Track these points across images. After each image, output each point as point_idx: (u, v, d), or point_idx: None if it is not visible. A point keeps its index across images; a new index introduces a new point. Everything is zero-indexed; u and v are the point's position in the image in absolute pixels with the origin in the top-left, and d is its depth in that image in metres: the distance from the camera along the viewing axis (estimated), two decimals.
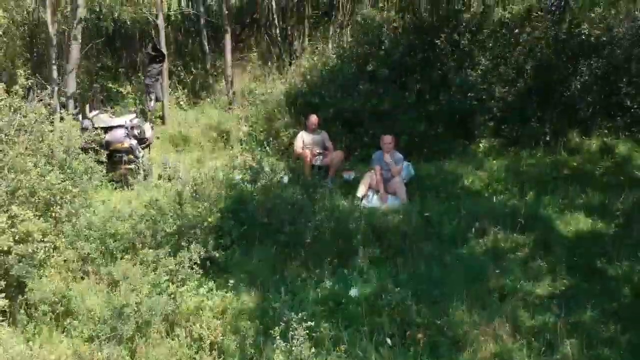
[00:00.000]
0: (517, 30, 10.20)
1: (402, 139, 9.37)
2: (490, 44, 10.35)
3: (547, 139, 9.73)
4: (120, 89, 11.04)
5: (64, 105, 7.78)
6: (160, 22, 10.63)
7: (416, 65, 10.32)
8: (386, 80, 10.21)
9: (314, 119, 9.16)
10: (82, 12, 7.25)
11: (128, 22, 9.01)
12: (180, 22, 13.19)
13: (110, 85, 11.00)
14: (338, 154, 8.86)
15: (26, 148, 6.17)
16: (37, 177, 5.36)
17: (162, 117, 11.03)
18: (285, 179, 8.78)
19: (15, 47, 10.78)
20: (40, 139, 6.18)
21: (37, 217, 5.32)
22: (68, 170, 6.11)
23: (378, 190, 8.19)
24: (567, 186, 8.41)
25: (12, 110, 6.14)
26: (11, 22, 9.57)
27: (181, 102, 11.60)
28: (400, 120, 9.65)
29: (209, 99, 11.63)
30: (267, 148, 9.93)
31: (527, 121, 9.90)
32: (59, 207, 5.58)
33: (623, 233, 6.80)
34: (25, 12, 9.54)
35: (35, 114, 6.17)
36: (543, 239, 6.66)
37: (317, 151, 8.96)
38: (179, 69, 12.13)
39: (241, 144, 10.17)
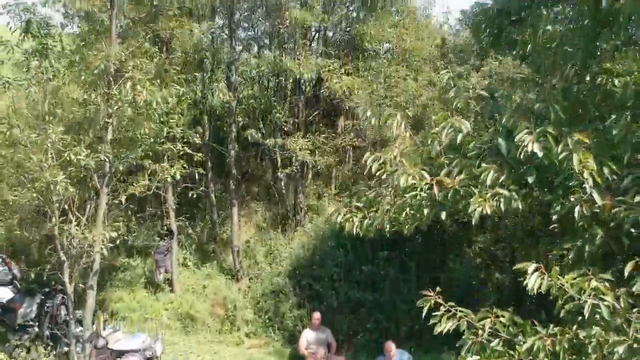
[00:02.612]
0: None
1: (403, 330, 9.77)
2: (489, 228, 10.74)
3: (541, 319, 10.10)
4: (130, 261, 11.43)
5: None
6: (169, 197, 11.04)
7: (416, 247, 10.70)
8: (387, 261, 10.59)
9: (317, 316, 9.54)
10: (97, 264, 7.64)
11: None
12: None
13: (120, 258, 11.39)
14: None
15: None
16: None
17: (170, 283, 11.41)
18: None
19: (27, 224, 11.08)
20: None
21: None
22: None
23: None
24: None
25: None
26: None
27: (188, 262, 11.99)
28: (400, 309, 10.03)
29: (216, 261, 12.01)
30: (273, 334, 10.31)
31: (523, 303, 10.27)
32: None
33: None
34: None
35: None
36: None
37: (321, 355, 9.31)
38: (187, 223, 12.51)
39: (247, 325, 10.53)
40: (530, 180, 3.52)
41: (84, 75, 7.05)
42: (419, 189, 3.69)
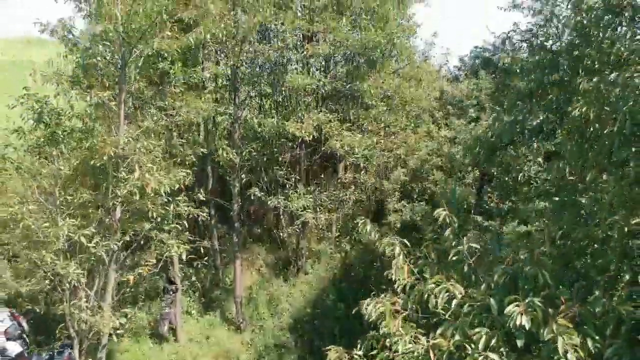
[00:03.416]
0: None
1: None
2: None
3: None
4: (136, 311, 11.65)
5: None
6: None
7: None
8: None
9: None
10: (106, 339, 7.88)
11: None
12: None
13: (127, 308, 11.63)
14: None
15: None
16: None
17: (174, 333, 11.66)
18: None
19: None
20: None
21: None
22: None
23: None
24: None
25: None
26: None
27: (192, 310, 12.24)
28: None
29: (219, 310, 12.25)
30: None
31: None
32: None
33: None
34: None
35: None
36: None
37: None
38: (190, 271, 12.74)
39: None
40: (519, 344, 3.77)
41: (93, 161, 7.28)
42: (415, 352, 3.95)
